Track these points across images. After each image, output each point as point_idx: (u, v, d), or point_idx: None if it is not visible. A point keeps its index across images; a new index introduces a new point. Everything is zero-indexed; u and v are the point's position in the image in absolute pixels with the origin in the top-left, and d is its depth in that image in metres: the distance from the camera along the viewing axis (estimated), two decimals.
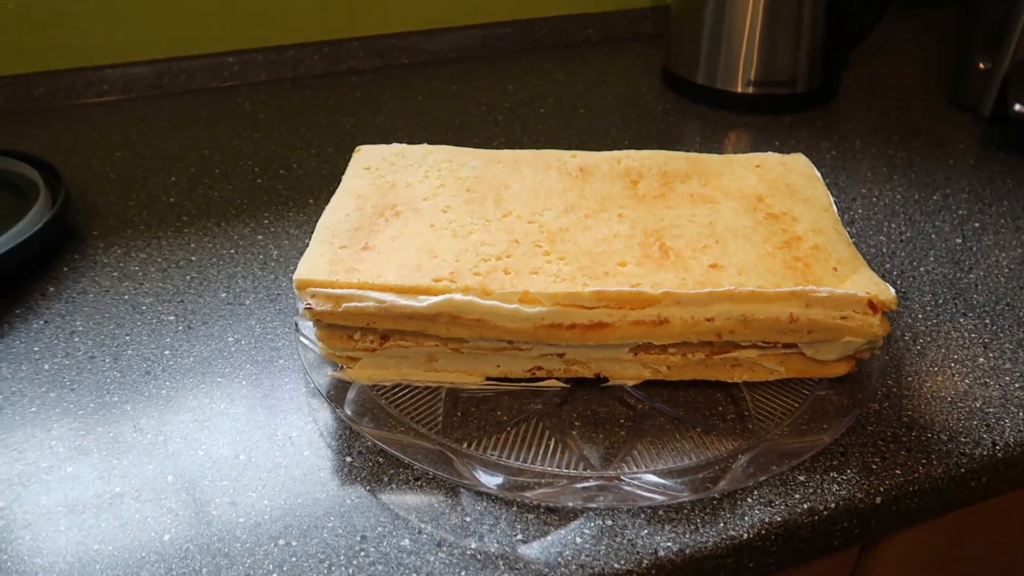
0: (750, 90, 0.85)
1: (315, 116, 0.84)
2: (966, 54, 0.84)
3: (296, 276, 0.45)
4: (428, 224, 0.50)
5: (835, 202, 0.68)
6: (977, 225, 0.66)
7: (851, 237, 0.64)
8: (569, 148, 0.76)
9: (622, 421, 0.47)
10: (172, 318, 0.56)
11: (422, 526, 0.41)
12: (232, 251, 0.63)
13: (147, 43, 0.88)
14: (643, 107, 0.87)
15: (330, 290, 0.45)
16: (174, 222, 0.67)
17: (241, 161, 0.76)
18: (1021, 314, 0.55)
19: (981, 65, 0.81)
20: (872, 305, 0.45)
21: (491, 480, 0.42)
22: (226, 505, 0.42)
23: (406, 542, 0.41)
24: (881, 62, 0.97)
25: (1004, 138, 0.79)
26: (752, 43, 0.83)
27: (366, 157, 0.58)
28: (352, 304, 0.44)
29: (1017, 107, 0.72)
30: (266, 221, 0.67)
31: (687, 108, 0.87)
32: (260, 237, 0.65)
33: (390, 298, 0.44)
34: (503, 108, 0.86)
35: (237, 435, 0.47)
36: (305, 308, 0.45)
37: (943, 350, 0.53)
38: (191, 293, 0.58)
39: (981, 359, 0.52)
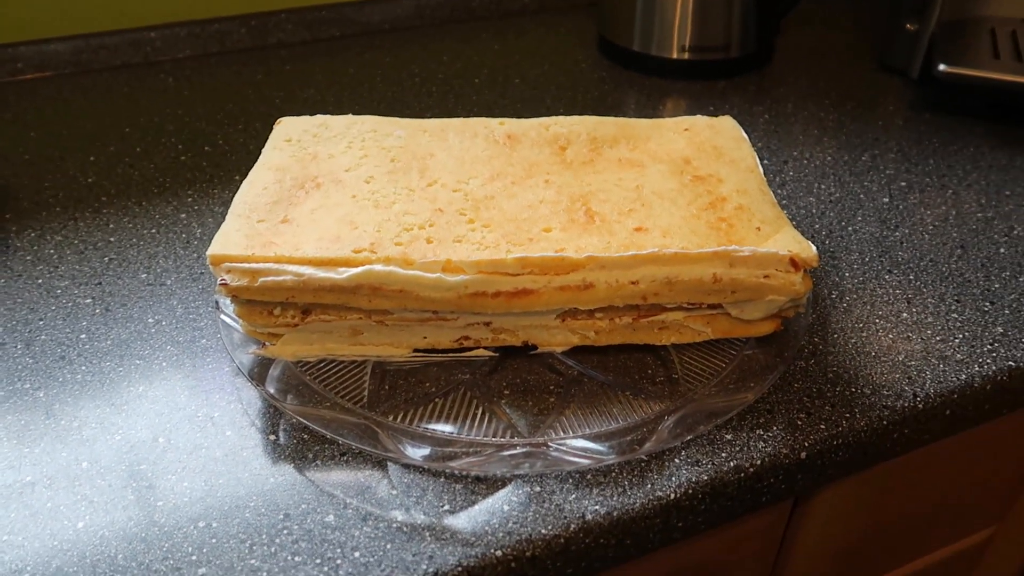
0: (685, 56, 0.85)
1: (242, 91, 0.82)
2: (895, 17, 0.84)
3: (210, 251, 0.44)
4: (350, 195, 0.49)
5: (767, 165, 0.69)
6: (904, 184, 0.66)
7: (782, 199, 0.64)
8: (503, 116, 0.75)
9: (551, 388, 0.47)
10: (89, 301, 0.54)
11: (348, 501, 0.41)
12: (153, 231, 0.61)
13: (65, 18, 0.84)
14: (578, 76, 0.86)
15: (246, 264, 0.43)
16: (92, 203, 0.64)
17: (164, 139, 0.73)
18: (943, 269, 0.56)
19: (909, 27, 0.82)
20: (794, 263, 0.45)
21: (417, 452, 0.42)
22: (143, 489, 0.41)
23: (330, 518, 0.40)
24: (814, 27, 0.98)
25: (932, 99, 0.80)
26: (686, 9, 0.83)
27: (287, 129, 0.56)
28: (269, 278, 0.43)
29: (942, 67, 0.73)
30: (189, 199, 0.65)
31: (622, 76, 0.86)
32: (183, 216, 0.63)
33: (308, 271, 0.43)
34: (436, 79, 0.85)
35: (156, 418, 0.45)
36: (220, 284, 0.44)
37: (868, 307, 0.53)
38: (109, 275, 0.56)
39: (904, 314, 0.53)
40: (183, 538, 0.39)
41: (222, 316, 0.49)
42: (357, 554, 0.38)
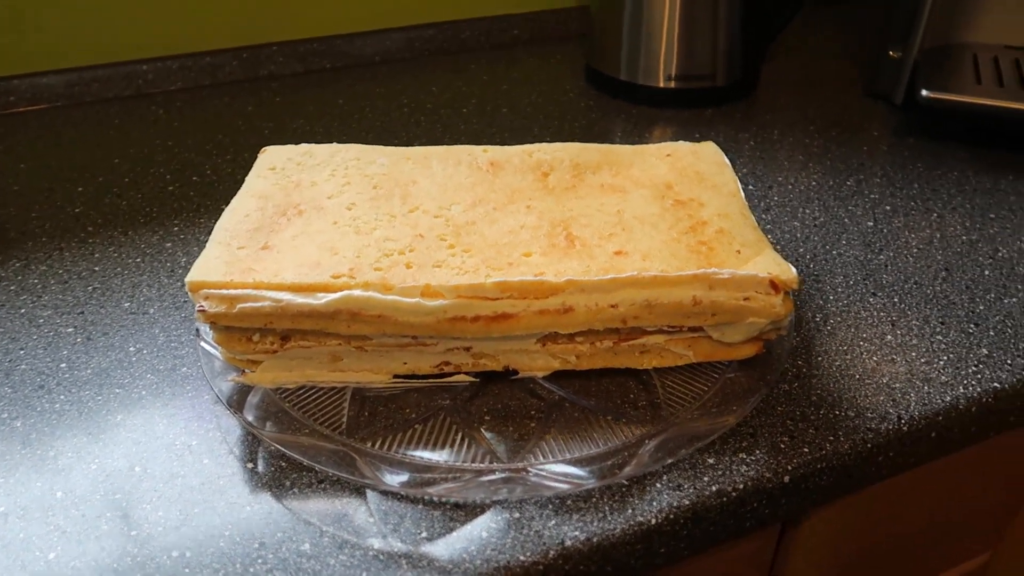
0: (671, 84, 0.86)
1: (232, 122, 0.83)
2: (878, 45, 0.85)
3: (188, 278, 0.44)
4: (331, 222, 0.49)
5: (752, 190, 0.69)
6: (888, 208, 0.67)
7: (766, 223, 0.64)
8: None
9: (532, 413, 0.46)
10: (71, 330, 0.54)
11: (324, 529, 0.40)
12: (138, 260, 0.61)
13: (58, 52, 0.85)
14: (566, 105, 0.87)
15: (224, 291, 0.43)
16: (78, 232, 0.64)
17: (152, 169, 0.74)
18: (928, 292, 0.56)
19: (892, 54, 0.83)
20: (774, 285, 0.45)
21: (395, 478, 0.41)
22: (117, 519, 0.41)
23: (306, 546, 0.39)
24: (800, 55, 0.99)
25: (915, 124, 0.80)
26: (672, 38, 0.84)
27: (271, 158, 0.56)
28: (247, 304, 0.43)
29: (924, 92, 0.73)
30: (176, 228, 0.65)
31: (610, 104, 0.87)
32: (168, 245, 0.63)
33: (287, 297, 0.43)
34: (425, 109, 0.86)
35: (133, 447, 0.45)
36: (198, 310, 0.43)
37: (852, 329, 0.53)
38: (92, 304, 0.56)
39: (889, 336, 0.52)
40: (156, 568, 0.38)
41: (202, 344, 0.49)
42: None
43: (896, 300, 0.56)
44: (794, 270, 0.45)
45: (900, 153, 0.75)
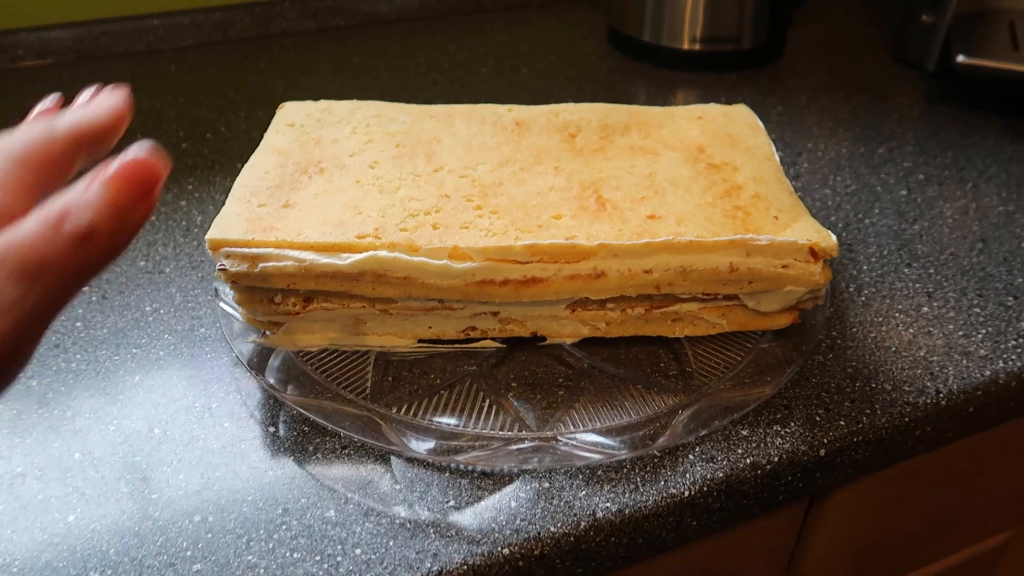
0: (696, 47, 0.83)
1: (244, 79, 0.81)
2: (910, 9, 0.83)
3: (209, 235, 0.42)
4: (354, 180, 0.47)
5: (781, 157, 0.67)
6: (922, 177, 0.65)
7: (796, 191, 0.62)
8: None
9: (561, 381, 0.45)
10: (86, 289, 0.52)
11: (349, 496, 0.39)
12: (153, 218, 0.60)
13: (66, 5, 0.83)
14: (587, 67, 0.85)
15: (246, 249, 0.42)
16: None
17: (164, 125, 0.72)
18: (964, 263, 0.55)
19: (925, 19, 0.80)
20: (813, 252, 0.43)
21: (421, 445, 0.40)
22: (137, 482, 0.40)
23: (331, 513, 0.38)
24: (827, 19, 0.96)
25: (948, 91, 0.78)
26: None
27: (290, 113, 0.54)
28: (270, 264, 0.42)
29: (960, 58, 0.71)
30: (190, 186, 0.63)
31: (632, 67, 0.85)
32: (183, 203, 0.61)
33: (310, 256, 0.42)
34: (442, 68, 0.83)
35: (152, 408, 0.44)
36: (219, 269, 0.42)
37: (888, 300, 0.52)
38: None
39: (925, 308, 0.51)
40: (178, 532, 0.37)
41: (221, 304, 0.47)
42: (358, 551, 0.37)
43: (932, 271, 0.54)
44: (834, 237, 0.44)
45: (932, 120, 0.73)
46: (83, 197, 0.22)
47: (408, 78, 0.81)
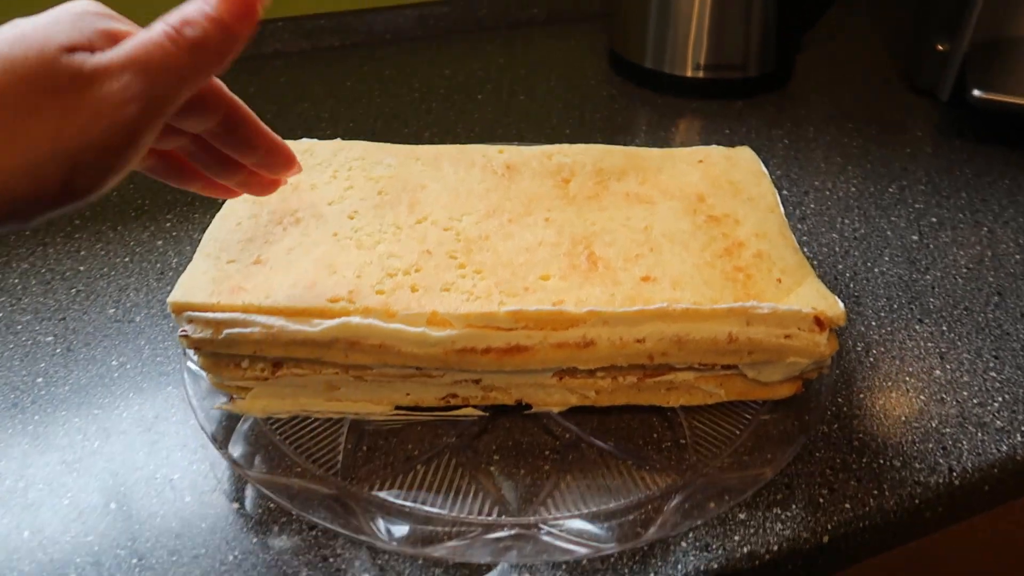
0: (700, 74, 0.80)
1: None
2: (923, 36, 0.80)
3: (171, 298, 0.40)
4: (331, 233, 0.45)
5: (786, 195, 0.64)
6: (934, 220, 0.62)
7: (802, 235, 0.60)
8: (506, 137, 0.71)
9: (547, 453, 0.42)
10: (50, 339, 0.50)
11: None
12: (127, 259, 0.57)
13: None
14: (587, 92, 0.82)
15: (210, 314, 0.39)
16: (64, 226, 0.60)
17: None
18: (979, 319, 0.52)
19: (939, 47, 0.77)
20: (819, 321, 0.40)
21: (395, 531, 0.37)
22: (87, 567, 0.37)
23: None
24: (837, 45, 0.93)
25: (962, 123, 0.75)
26: (701, 24, 0.78)
27: None
28: (235, 330, 0.39)
29: (976, 92, 0.68)
30: (167, 224, 0.61)
31: (634, 93, 0.82)
32: (160, 243, 0.59)
33: (278, 322, 0.39)
34: (438, 94, 0.80)
35: (110, 479, 0.41)
36: (181, 335, 0.39)
37: (897, 362, 0.49)
38: (75, 309, 0.52)
39: (937, 371, 0.48)
40: None
41: (188, 364, 0.45)
42: None
43: (944, 328, 0.51)
44: (841, 304, 0.41)
45: (946, 156, 0.70)
46: (200, 10, 0.28)
47: (403, 104, 0.78)
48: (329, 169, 0.50)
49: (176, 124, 0.32)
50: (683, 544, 0.38)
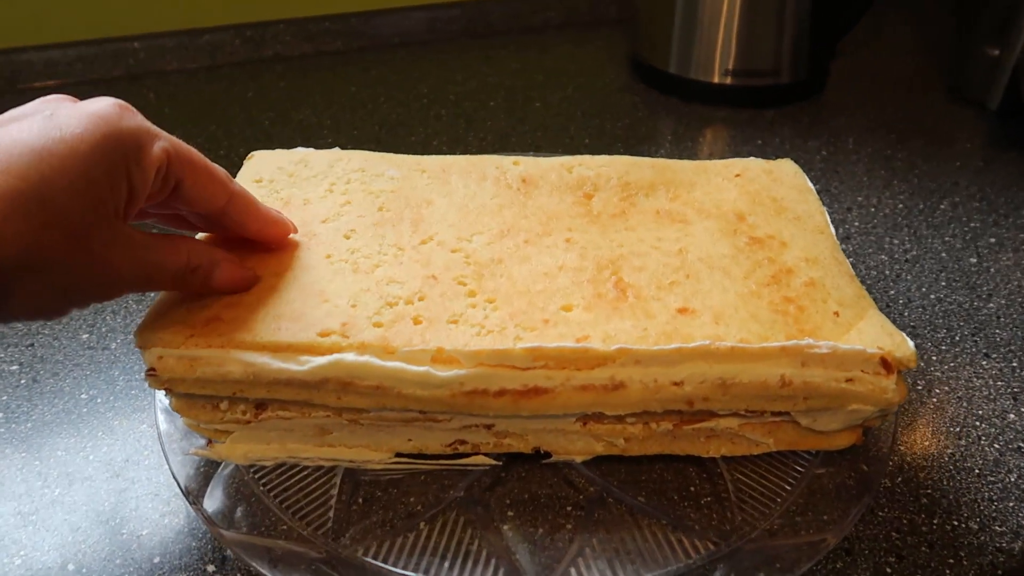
0: (728, 81, 0.75)
1: (229, 110, 0.73)
2: (970, 40, 0.74)
3: (137, 331, 0.35)
4: (323, 255, 0.39)
5: (828, 213, 0.59)
6: (993, 240, 0.56)
7: (848, 256, 0.54)
8: (520, 148, 0.66)
9: (568, 509, 0.37)
10: (15, 368, 0.45)
11: None
12: None
13: (37, 26, 0.76)
14: (607, 100, 0.77)
15: (181, 351, 0.34)
16: None
17: None
18: None
19: (990, 52, 0.71)
20: (885, 363, 0.35)
21: None
22: None
23: None
24: (874, 50, 0.88)
25: (1016, 135, 0.69)
26: (730, 28, 0.73)
27: (259, 166, 0.47)
28: (211, 369, 0.34)
29: None
30: None
31: (657, 101, 0.77)
32: None
33: (260, 360, 0.34)
34: (447, 101, 0.75)
35: (71, 534, 0.36)
36: (147, 374, 0.34)
37: (965, 404, 0.43)
38: (45, 335, 0.47)
39: (1012, 415, 0.42)
40: None
41: (162, 399, 0.40)
42: None
43: (1016, 365, 0.45)
44: (911, 343, 0.35)
45: (1000, 170, 0.65)
46: (209, 262, 0.34)
47: (409, 112, 0.74)
48: (325, 182, 0.45)
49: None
50: None
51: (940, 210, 0.59)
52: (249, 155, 0.47)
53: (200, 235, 0.39)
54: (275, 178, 0.46)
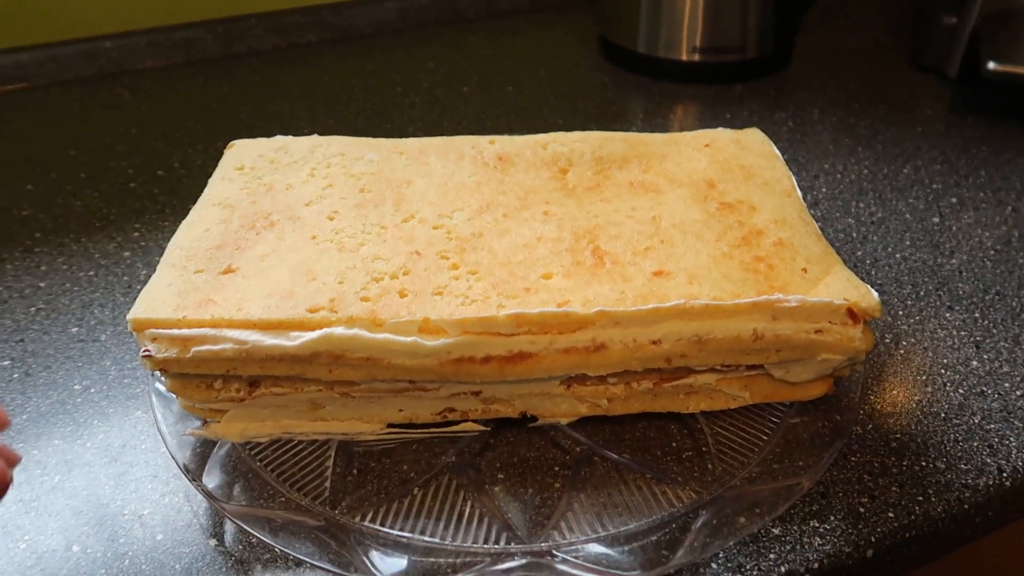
0: (696, 58, 0.77)
1: (206, 105, 0.74)
2: (929, 10, 0.76)
3: (131, 315, 0.36)
4: (309, 236, 0.41)
5: (796, 181, 0.60)
6: (955, 200, 0.58)
7: (816, 220, 0.56)
8: (495, 131, 0.67)
9: (556, 469, 0.38)
10: (7, 363, 0.46)
11: None
12: (91, 273, 0.53)
13: (7, 26, 0.76)
14: (579, 81, 0.78)
15: (175, 331, 0.35)
16: (24, 240, 0.56)
17: (113, 162, 0.65)
18: (1014, 304, 0.48)
19: (947, 21, 0.73)
20: (852, 314, 0.36)
21: (391, 565, 0.33)
22: None
23: None
24: (837, 24, 0.90)
25: (974, 99, 0.72)
26: (696, 5, 0.75)
27: (240, 155, 0.48)
28: (203, 347, 0.35)
29: (991, 65, 0.64)
30: (136, 234, 0.56)
31: (627, 80, 0.78)
32: (127, 254, 0.54)
33: (252, 337, 0.35)
34: (421, 88, 0.76)
35: (72, 518, 0.37)
36: (143, 355, 0.35)
37: (930, 353, 0.45)
38: (34, 329, 0.48)
39: (975, 362, 0.44)
40: None
41: (156, 385, 0.41)
42: None
43: (977, 315, 0.47)
44: (875, 294, 0.37)
45: (960, 134, 0.67)
46: None
47: (384, 100, 0.74)
48: (306, 167, 0.46)
49: None
50: (713, 566, 0.34)
51: (903, 174, 0.61)
52: (229, 144, 0.48)
53: None
54: (256, 165, 0.47)
